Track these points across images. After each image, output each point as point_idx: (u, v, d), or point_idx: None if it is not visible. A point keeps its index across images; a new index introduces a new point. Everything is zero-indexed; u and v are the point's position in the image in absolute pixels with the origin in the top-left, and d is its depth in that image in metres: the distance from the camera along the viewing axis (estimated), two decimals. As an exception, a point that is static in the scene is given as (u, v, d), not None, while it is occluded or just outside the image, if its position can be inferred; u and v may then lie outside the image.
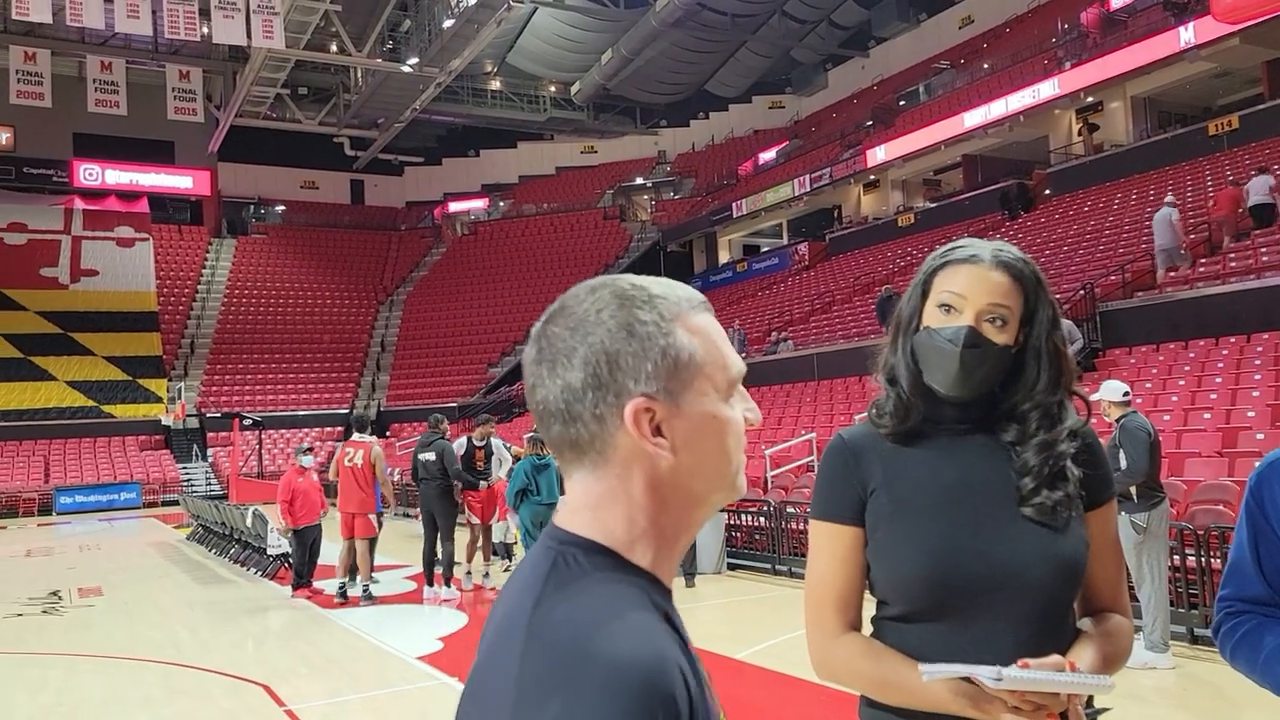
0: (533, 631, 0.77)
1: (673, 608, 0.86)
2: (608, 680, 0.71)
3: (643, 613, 0.78)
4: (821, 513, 1.50)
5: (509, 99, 43.00)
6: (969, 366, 1.42)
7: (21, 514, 25.32)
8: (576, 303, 0.86)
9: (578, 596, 0.79)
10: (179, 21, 27.90)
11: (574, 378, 0.83)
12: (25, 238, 35.93)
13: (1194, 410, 9.99)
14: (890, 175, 28.96)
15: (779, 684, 5.77)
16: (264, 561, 11.77)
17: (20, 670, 7.16)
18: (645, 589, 0.82)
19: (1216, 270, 13.31)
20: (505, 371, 32.61)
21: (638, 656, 0.73)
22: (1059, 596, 1.41)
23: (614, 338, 0.83)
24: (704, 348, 0.86)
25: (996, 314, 1.43)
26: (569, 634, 0.75)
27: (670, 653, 0.75)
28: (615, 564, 0.83)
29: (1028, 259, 1.48)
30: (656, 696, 0.71)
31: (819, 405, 16.43)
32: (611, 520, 0.85)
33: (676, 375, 0.84)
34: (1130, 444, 5.65)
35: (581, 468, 0.86)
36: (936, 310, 1.46)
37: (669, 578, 0.88)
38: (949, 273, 1.47)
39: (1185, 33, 19.51)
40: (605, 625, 0.75)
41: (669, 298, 0.87)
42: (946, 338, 1.43)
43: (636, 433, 0.82)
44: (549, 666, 0.74)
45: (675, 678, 0.73)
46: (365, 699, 6.10)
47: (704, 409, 0.86)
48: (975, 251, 1.46)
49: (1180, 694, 5.41)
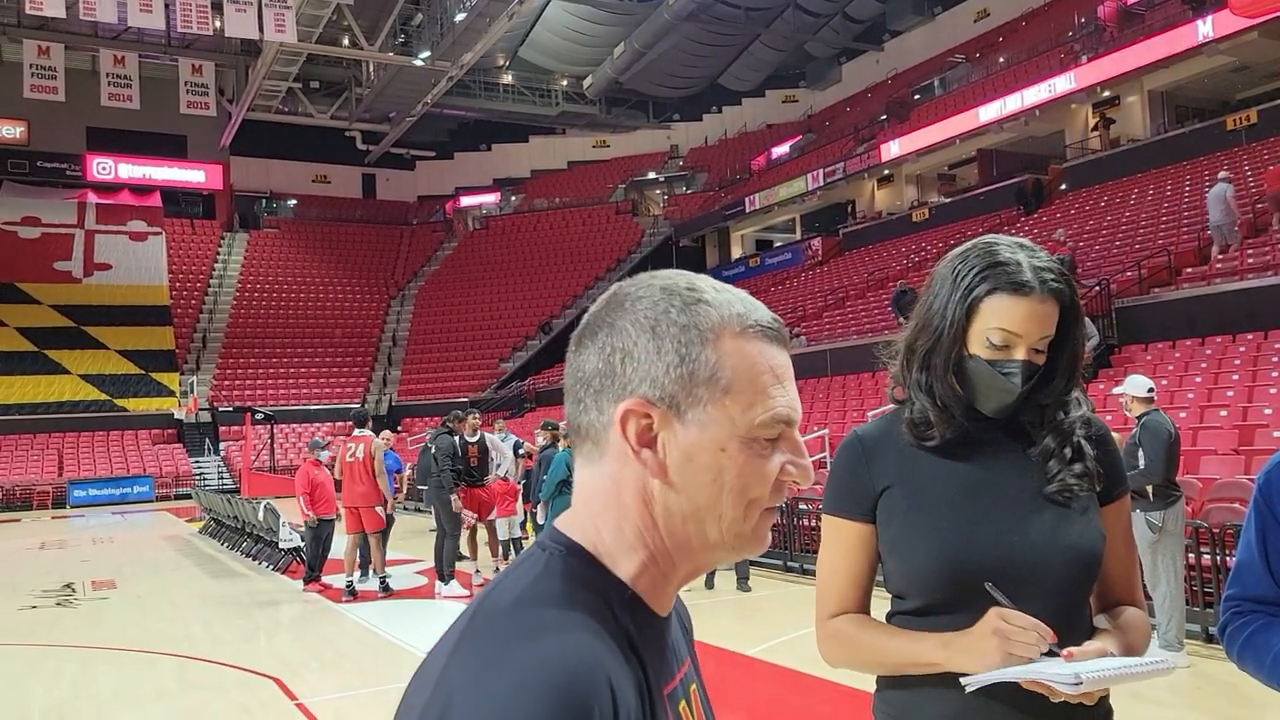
0: (477, 610, 0.75)
1: (653, 632, 0.80)
2: (520, 678, 0.66)
3: (588, 624, 0.72)
4: (832, 508, 1.54)
5: (521, 93, 42.97)
6: (1021, 397, 1.46)
7: (35, 507, 25.50)
8: (629, 287, 0.82)
9: (532, 589, 0.75)
10: (191, 15, 27.97)
11: (590, 361, 0.80)
12: (39, 231, 36.14)
13: (1210, 407, 9.91)
14: (905, 170, 28.82)
15: (791, 680, 5.74)
16: (276, 555, 11.80)
17: (35, 663, 7.19)
18: (613, 605, 0.76)
19: (1234, 266, 13.19)
20: (517, 366, 32.64)
21: (561, 662, 0.67)
22: (1076, 588, 1.43)
23: (638, 330, 0.78)
24: (737, 372, 0.78)
25: (1043, 344, 1.46)
26: (502, 621, 0.72)
27: (601, 667, 0.69)
28: (590, 572, 0.78)
29: (1065, 273, 1.47)
30: (569, 710, 0.65)
31: (832, 401, 16.38)
32: (601, 524, 0.80)
33: (689, 389, 0.77)
34: (1151, 443, 5.58)
35: (582, 455, 0.82)
36: (985, 339, 1.44)
37: (660, 603, 0.82)
38: (999, 303, 1.43)
39: (1203, 26, 19.32)
40: (541, 624, 0.71)
41: (717, 308, 0.79)
42: (1004, 373, 1.44)
43: (620, 433, 0.77)
44: (473, 648, 0.70)
45: (599, 697, 0.67)
46: (376, 693, 6.10)
47: (711, 435, 0.77)
48: (1023, 278, 1.42)
49: (1194, 693, 5.35)
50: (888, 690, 1.51)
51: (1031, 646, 1.31)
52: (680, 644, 0.88)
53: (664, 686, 0.79)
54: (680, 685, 0.83)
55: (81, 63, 33.85)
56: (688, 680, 0.86)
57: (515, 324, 34.92)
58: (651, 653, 0.78)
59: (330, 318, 36.43)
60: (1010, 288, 1.42)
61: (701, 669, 0.94)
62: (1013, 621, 1.32)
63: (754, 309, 0.81)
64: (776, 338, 0.82)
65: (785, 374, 0.81)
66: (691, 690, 0.86)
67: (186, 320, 34.84)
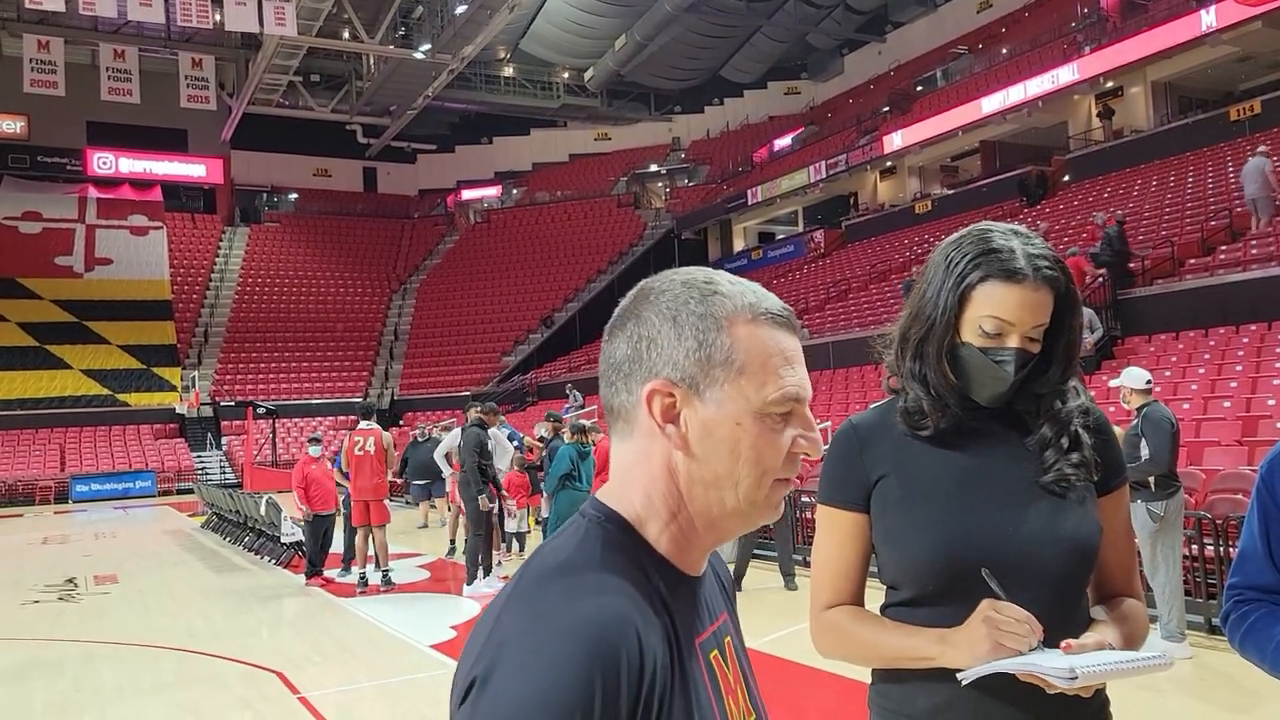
0: (525, 571, 0.86)
1: (684, 589, 0.89)
2: (561, 627, 0.76)
3: (621, 581, 0.82)
4: (826, 497, 1.54)
5: (522, 85, 42.86)
6: (1014, 385, 1.45)
7: (38, 502, 25.54)
8: (653, 282, 0.92)
9: (574, 554, 0.85)
10: (191, 9, 27.93)
11: (620, 348, 0.90)
12: (40, 226, 36.13)
13: (1214, 398, 9.88)
14: (907, 162, 28.74)
15: (792, 673, 5.74)
16: (278, 549, 11.81)
17: (38, 657, 7.20)
18: (645, 567, 0.86)
19: (1238, 257, 13.14)
20: (519, 360, 32.62)
21: (596, 615, 0.77)
22: (1072, 579, 1.43)
23: (660, 319, 0.88)
24: (750, 354, 0.87)
25: (1037, 332, 1.44)
26: (548, 582, 0.82)
27: (630, 621, 0.78)
28: (623, 537, 0.88)
29: (1060, 259, 1.46)
30: (600, 652, 0.75)
31: (834, 394, 16.36)
32: (631, 492, 0.90)
33: (707, 370, 0.87)
34: (1153, 434, 5.56)
35: (616, 433, 0.92)
36: (978, 327, 1.43)
37: (689, 564, 0.91)
38: (992, 290, 1.42)
39: (1206, 16, 19.24)
40: (581, 585, 0.81)
41: (731, 298, 0.89)
42: (997, 361, 1.42)
43: (647, 411, 0.87)
44: (523, 605, 0.81)
45: (627, 642, 0.77)
46: (378, 686, 6.10)
47: (728, 411, 0.87)
48: (1016, 265, 1.41)
49: (1198, 684, 5.34)
50: (883, 683, 1.51)
51: (1022, 639, 1.30)
52: (716, 600, 0.98)
53: (695, 637, 0.89)
54: (713, 636, 0.93)
55: (81, 57, 33.79)
56: (721, 632, 0.95)
57: (517, 317, 34.89)
58: (682, 607, 0.88)
59: (332, 312, 36.42)
60: (1003, 275, 1.41)
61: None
62: (1004, 613, 1.32)
63: (765, 298, 0.91)
64: (786, 324, 0.91)
65: (795, 356, 0.91)
66: (726, 641, 0.96)
67: (188, 315, 34.84)
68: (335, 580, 10.11)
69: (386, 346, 35.80)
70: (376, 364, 34.74)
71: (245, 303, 36.03)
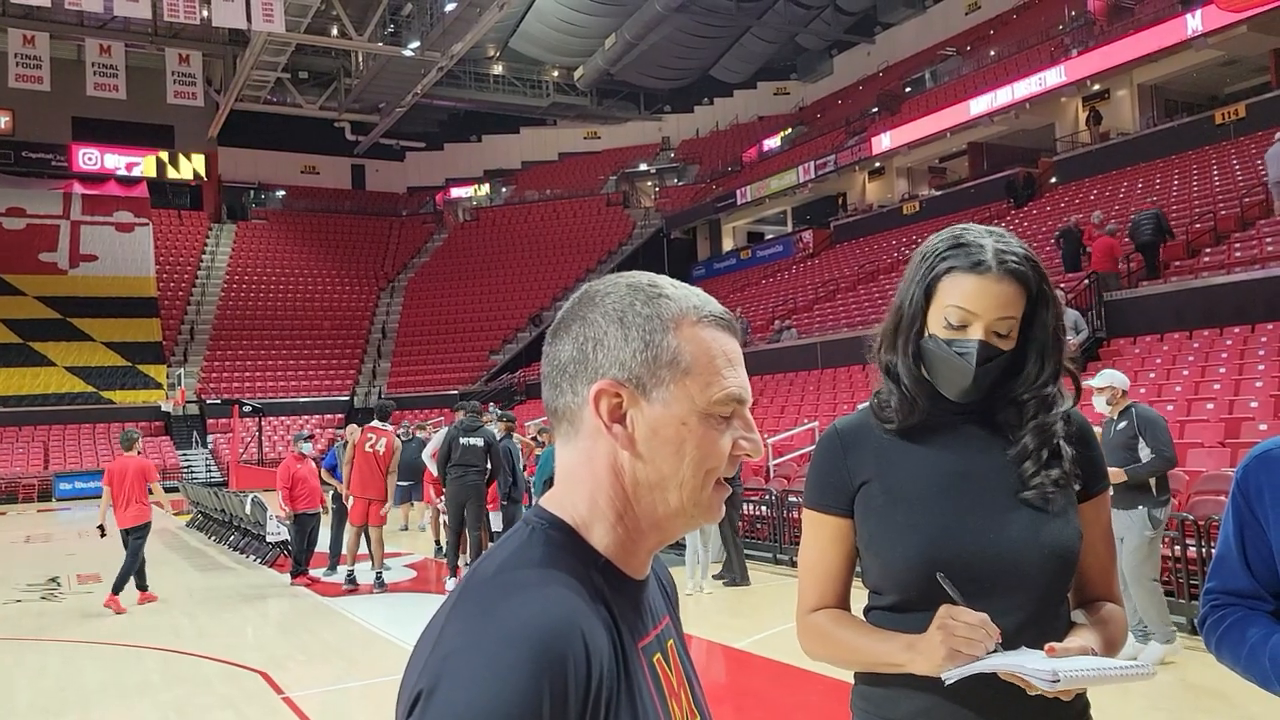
0: (468, 580, 0.85)
1: (627, 593, 0.89)
2: (504, 634, 0.76)
3: (565, 586, 0.82)
4: (812, 501, 1.55)
5: (512, 84, 42.81)
6: (980, 380, 1.44)
7: (21, 500, 25.36)
8: (598, 285, 0.93)
9: (514, 557, 0.85)
10: (178, 4, 27.75)
11: (565, 350, 0.90)
12: (24, 222, 35.88)
13: (1197, 400, 9.94)
14: (895, 163, 28.84)
15: (780, 673, 5.74)
16: (263, 549, 11.76)
17: (20, 656, 7.15)
18: (589, 571, 0.86)
19: (1221, 260, 13.22)
20: (507, 359, 32.58)
21: (540, 617, 0.77)
22: (1053, 585, 1.43)
23: (607, 321, 0.89)
24: (695, 356, 0.88)
25: (1005, 326, 1.43)
26: (488, 586, 0.82)
27: (575, 620, 0.78)
28: (567, 542, 0.88)
29: (1030, 255, 1.46)
30: (547, 659, 0.74)
31: (822, 394, 16.38)
32: (576, 496, 0.90)
33: (654, 370, 0.87)
34: (1153, 431, 5.54)
35: (560, 435, 0.92)
36: (943, 318, 1.44)
37: (634, 567, 0.91)
38: (956, 281, 1.43)
39: (1193, 20, 19.37)
40: (520, 583, 0.81)
41: (676, 301, 0.90)
42: (959, 353, 1.43)
43: (593, 410, 0.87)
44: (464, 612, 0.80)
45: (573, 647, 0.76)
46: (363, 686, 6.08)
47: (674, 411, 0.88)
48: (982, 258, 1.42)
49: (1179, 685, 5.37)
50: (865, 685, 1.51)
51: (977, 644, 1.30)
52: (658, 604, 0.97)
53: (638, 640, 0.88)
54: (655, 640, 0.92)
55: (67, 52, 33.56)
56: (664, 636, 0.95)
57: (505, 316, 34.84)
58: (626, 610, 0.87)
59: (319, 309, 36.28)
60: (967, 266, 1.43)
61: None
62: (959, 618, 1.31)
63: (708, 302, 0.92)
64: (728, 327, 0.92)
65: (736, 358, 0.92)
66: (669, 645, 0.95)
67: (174, 312, 34.65)
68: (321, 579, 10.08)
69: (374, 345, 35.70)
70: (364, 362, 34.63)
71: (231, 300, 35.85)
